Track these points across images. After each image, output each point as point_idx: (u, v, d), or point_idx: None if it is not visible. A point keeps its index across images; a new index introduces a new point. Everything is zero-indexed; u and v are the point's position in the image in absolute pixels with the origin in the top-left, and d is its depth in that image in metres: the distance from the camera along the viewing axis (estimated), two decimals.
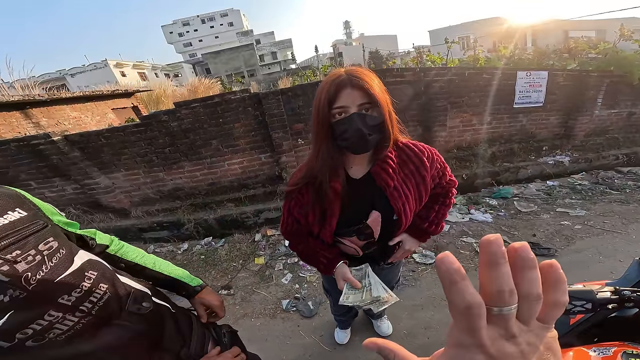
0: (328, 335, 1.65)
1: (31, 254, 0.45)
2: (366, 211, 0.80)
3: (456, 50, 5.62)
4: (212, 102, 2.85)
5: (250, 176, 3.19)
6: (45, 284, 0.45)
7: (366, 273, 0.83)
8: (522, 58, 5.07)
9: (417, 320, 1.69)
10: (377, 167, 0.77)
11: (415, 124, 3.34)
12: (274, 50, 41.96)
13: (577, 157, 3.56)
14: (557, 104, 3.68)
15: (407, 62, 5.68)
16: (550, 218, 2.60)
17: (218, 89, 9.65)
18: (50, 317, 0.45)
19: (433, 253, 2.24)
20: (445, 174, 0.87)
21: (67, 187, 3.03)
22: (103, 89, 7.39)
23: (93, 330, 0.51)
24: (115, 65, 26.60)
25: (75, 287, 0.49)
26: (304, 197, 0.81)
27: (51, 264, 0.47)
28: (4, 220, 0.45)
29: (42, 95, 5.10)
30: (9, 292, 0.41)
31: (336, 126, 0.69)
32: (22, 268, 0.43)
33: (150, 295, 0.65)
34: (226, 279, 2.28)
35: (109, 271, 0.59)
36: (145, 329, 0.59)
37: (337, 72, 0.69)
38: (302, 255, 0.93)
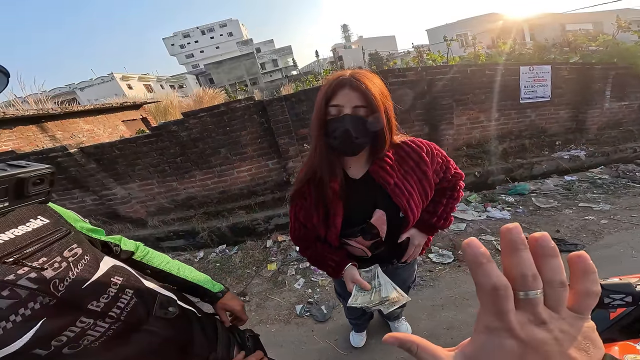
0: (343, 339, 1.63)
1: (57, 261, 0.45)
2: (369, 211, 0.80)
3: (455, 48, 5.63)
4: (219, 111, 2.91)
5: (259, 183, 3.22)
6: (73, 290, 0.45)
7: (375, 274, 0.82)
8: (522, 53, 5.05)
9: (439, 321, 1.65)
10: (375, 166, 0.77)
11: (422, 123, 3.33)
12: (274, 57, 42.56)
13: (594, 151, 3.48)
14: (565, 97, 3.63)
15: (408, 62, 5.70)
16: (573, 213, 2.53)
17: (223, 98, 9.82)
18: (82, 323, 0.46)
19: (450, 252, 2.20)
20: (449, 167, 0.87)
21: (86, 199, 3.12)
22: (112, 102, 7.60)
23: (124, 336, 0.51)
24: (121, 78, 27.37)
25: (102, 293, 0.49)
26: (307, 200, 0.82)
27: (77, 270, 0.47)
28: (27, 228, 0.45)
29: (56, 109, 5.27)
30: (39, 299, 0.42)
31: (329, 124, 0.70)
32: (49, 275, 0.43)
33: (175, 300, 0.65)
34: (241, 285, 2.29)
35: (134, 276, 0.59)
36: (174, 334, 0.59)
37: (342, 72, 0.70)
38: (311, 260, 0.93)
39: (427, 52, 6.20)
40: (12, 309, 0.39)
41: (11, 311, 0.39)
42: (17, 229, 0.44)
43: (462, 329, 1.59)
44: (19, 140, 4.57)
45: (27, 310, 0.40)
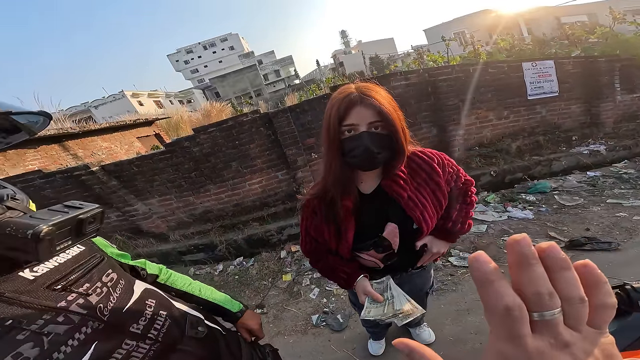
0: (361, 347, 1.61)
1: (98, 286, 0.47)
2: (381, 224, 0.80)
3: (454, 46, 5.61)
4: (227, 125, 2.98)
5: (270, 194, 3.27)
6: (116, 314, 0.48)
7: (388, 286, 0.81)
8: (523, 49, 4.99)
9: (464, 326, 1.60)
10: (387, 180, 0.77)
11: (429, 125, 3.31)
12: (276, 68, 43.38)
13: (614, 145, 3.36)
14: (574, 92, 3.56)
15: (409, 65, 5.71)
16: (602, 210, 2.41)
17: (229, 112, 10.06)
18: (127, 345, 0.47)
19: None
20: (460, 176, 0.87)
21: (110, 215, 3.23)
22: (126, 119, 7.92)
23: (163, 356, 0.53)
24: (131, 95, 28.42)
25: (140, 316, 0.51)
26: (317, 215, 0.82)
27: (116, 295, 0.49)
28: (68, 256, 0.47)
29: (74, 128, 5.55)
30: (90, 323, 0.43)
31: (345, 143, 0.70)
32: (94, 300, 0.45)
33: (203, 319, 0.67)
34: (259, 297, 2.31)
35: (164, 298, 0.61)
36: (205, 354, 0.60)
37: (348, 89, 0.69)
38: (322, 272, 0.93)
39: (427, 52, 6.22)
40: (68, 334, 0.41)
41: (68, 336, 0.41)
42: (58, 257, 0.46)
43: None
44: (44, 159, 4.82)
45: (82, 335, 0.42)
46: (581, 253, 1.94)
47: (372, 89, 0.69)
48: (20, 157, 4.45)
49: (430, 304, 1.70)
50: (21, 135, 0.48)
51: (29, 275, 0.42)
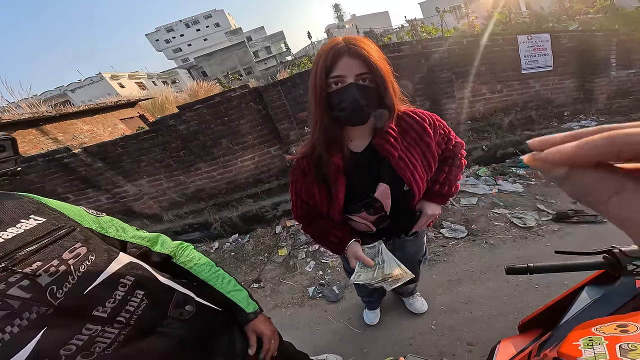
0: (357, 317, 1.66)
1: (54, 265, 0.41)
2: (373, 184, 0.77)
3: (450, 20, 5.41)
4: (214, 101, 2.85)
5: (263, 171, 3.21)
6: (74, 296, 0.42)
7: (379, 250, 0.80)
8: (519, 22, 4.87)
9: (456, 296, 1.64)
10: (378, 138, 0.74)
11: (422, 97, 3.26)
12: (267, 44, 41.18)
13: (605, 121, 3.41)
14: (569, 66, 3.52)
15: (403, 37, 5.51)
16: None
17: (218, 90, 9.62)
18: (88, 330, 0.42)
19: (463, 227, 2.20)
20: (451, 138, 0.85)
21: (101, 197, 3.13)
22: (107, 101, 7.49)
23: (138, 340, 0.48)
24: (110, 77, 26.84)
25: (108, 297, 0.46)
26: (307, 176, 0.79)
27: (79, 274, 0.43)
28: (18, 230, 0.40)
29: (51, 111, 5.24)
30: (34, 309, 0.38)
31: (333, 96, 0.66)
32: (45, 281, 0.39)
33: (193, 297, 0.61)
34: (255, 272, 2.34)
35: (148, 274, 0.55)
36: (190, 334, 0.56)
37: (335, 40, 0.65)
38: (314, 236, 0.91)
39: (421, 25, 6.00)
40: (5, 321, 0.36)
41: (5, 323, 0.36)
42: (5, 232, 0.39)
43: (481, 302, 1.56)
44: (22, 144, 4.57)
45: (24, 321, 0.37)
46: (568, 225, 1.99)
47: (360, 40, 0.64)
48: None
49: (423, 274, 1.73)
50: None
51: None
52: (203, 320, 0.61)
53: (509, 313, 1.45)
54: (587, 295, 0.66)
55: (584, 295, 0.67)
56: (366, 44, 0.64)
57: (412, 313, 1.57)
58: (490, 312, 1.49)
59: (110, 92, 22.08)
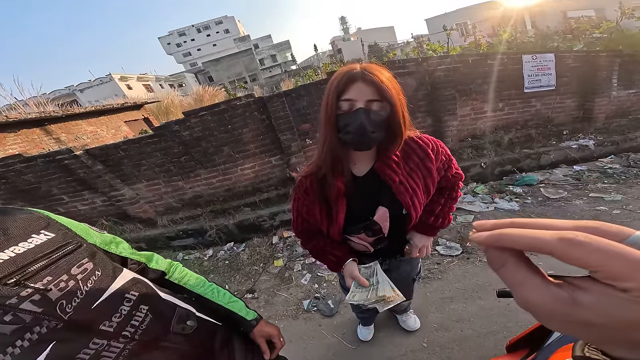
0: (351, 332, 1.64)
1: (63, 280, 0.42)
2: (373, 207, 0.79)
3: (456, 37, 5.54)
4: (219, 109, 2.89)
5: (262, 180, 3.23)
6: (83, 311, 0.43)
7: (375, 271, 0.82)
8: (524, 41, 4.98)
9: (448, 314, 1.65)
10: (380, 163, 0.76)
11: (424, 114, 3.30)
12: (273, 53, 42.09)
13: (603, 140, 3.43)
14: (571, 86, 3.58)
15: (408, 53, 5.63)
16: (584, 204, 2.50)
17: (223, 96, 9.78)
18: (95, 345, 0.43)
19: (458, 244, 2.20)
20: (451, 166, 0.86)
21: (96, 200, 3.14)
22: (113, 103, 7.62)
23: (142, 355, 0.49)
24: (119, 78, 27.29)
25: (114, 312, 0.47)
26: (309, 195, 0.81)
27: (86, 289, 0.44)
28: (30, 245, 0.42)
29: (57, 111, 5.31)
30: (45, 322, 0.39)
31: (341, 118, 0.68)
32: (55, 296, 0.41)
33: (194, 312, 0.62)
34: (250, 282, 2.32)
35: (151, 290, 0.56)
36: (192, 349, 0.57)
37: (352, 66, 0.68)
38: (312, 253, 0.93)
39: (426, 42, 6.13)
40: (17, 335, 0.37)
41: (17, 337, 0.37)
42: (17, 246, 0.41)
43: (472, 321, 1.58)
44: (25, 143, 4.61)
45: (34, 335, 0.38)
46: None
47: (377, 68, 0.67)
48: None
49: (417, 291, 1.75)
50: None
51: None
52: (204, 335, 0.62)
53: (498, 332, 1.47)
54: None
55: None
56: (381, 73, 0.66)
57: (405, 330, 1.57)
58: (480, 331, 1.51)
59: (117, 94, 22.45)
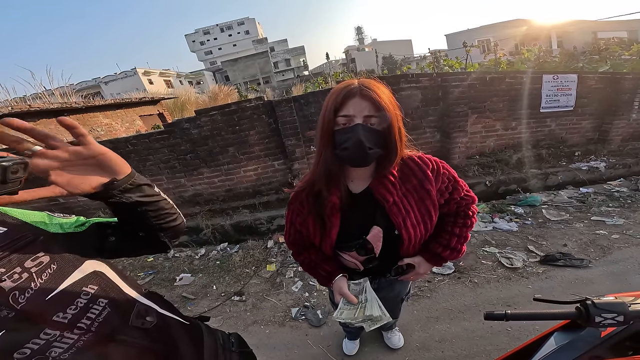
0: (336, 345, 1.63)
1: (17, 272, 0.43)
2: (367, 226, 0.78)
3: (476, 54, 5.47)
4: (229, 109, 2.96)
5: (264, 183, 3.26)
6: (35, 302, 0.43)
7: (364, 288, 0.81)
8: (547, 61, 4.86)
9: (431, 333, 1.63)
10: (375, 182, 0.75)
11: (433, 129, 3.25)
12: (287, 57, 42.85)
13: (614, 163, 3.31)
14: (590, 107, 3.49)
15: (423, 68, 5.60)
16: (584, 227, 2.44)
17: (236, 96, 10.00)
18: (46, 335, 0.43)
19: (451, 263, 2.15)
20: (458, 188, 0.82)
21: None
22: (132, 97, 7.92)
23: (97, 347, 0.48)
24: (143, 73, 28.39)
25: (69, 304, 0.47)
26: (304, 208, 0.81)
27: (41, 281, 0.44)
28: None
29: (79, 103, 5.56)
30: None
31: (338, 134, 0.67)
32: (8, 286, 0.41)
33: (156, 309, 0.62)
34: (239, 285, 2.32)
35: (112, 284, 0.56)
36: (152, 345, 0.56)
37: (350, 81, 0.68)
38: (303, 265, 0.93)
39: (444, 57, 6.07)
40: None
41: None
42: None
43: (454, 342, 1.56)
44: None
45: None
46: (553, 268, 2.00)
47: (375, 84, 0.67)
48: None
49: (405, 309, 1.72)
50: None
51: None
52: (165, 332, 0.61)
53: (477, 355, 1.47)
54: (554, 341, 0.71)
55: (551, 341, 0.71)
56: (379, 89, 0.66)
57: (389, 347, 1.56)
58: (460, 353, 1.50)
59: (138, 87, 23.35)
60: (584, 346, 0.63)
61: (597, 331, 0.64)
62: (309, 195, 0.79)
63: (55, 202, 3.24)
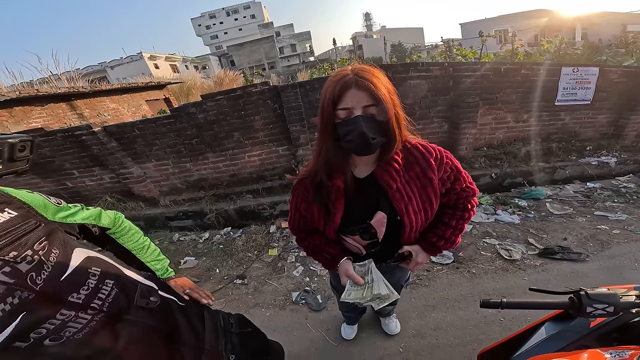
0: (335, 329, 1.67)
1: (29, 255, 0.44)
2: (370, 211, 0.80)
3: (492, 44, 5.22)
4: (235, 94, 2.92)
5: (267, 168, 3.27)
6: (52, 283, 0.45)
7: (369, 269, 0.83)
8: (568, 53, 4.62)
9: (427, 321, 1.67)
10: (380, 168, 0.76)
11: (441, 120, 3.18)
12: (293, 42, 41.75)
13: (626, 159, 3.23)
14: (608, 102, 3.34)
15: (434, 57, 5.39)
16: (586, 222, 2.43)
17: (241, 81, 9.87)
18: (62, 315, 0.45)
19: (451, 253, 2.16)
20: (460, 179, 0.83)
21: (104, 176, 3.28)
22: (138, 81, 7.88)
23: (107, 327, 0.51)
24: (149, 57, 28.07)
25: (82, 285, 0.49)
26: (309, 193, 0.82)
27: (51, 263, 0.46)
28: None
29: (85, 87, 5.55)
30: (17, 293, 0.41)
31: (339, 127, 0.68)
32: (24, 268, 0.42)
33: (157, 289, 0.65)
34: (241, 268, 2.38)
35: (112, 266, 0.58)
36: (157, 324, 0.59)
37: (344, 71, 0.66)
38: (307, 250, 0.95)
39: (457, 47, 5.81)
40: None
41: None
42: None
43: (447, 330, 1.60)
44: (49, 117, 4.82)
45: (7, 305, 0.39)
46: (550, 261, 2.01)
47: (369, 71, 0.66)
48: (25, 114, 4.44)
49: (403, 297, 1.75)
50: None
51: None
52: (167, 313, 0.64)
53: (469, 344, 1.50)
54: (545, 330, 0.73)
55: (541, 331, 0.74)
56: (374, 76, 0.65)
57: (386, 333, 1.59)
58: (453, 341, 1.54)
59: (144, 72, 23.14)
60: (573, 336, 0.66)
61: (587, 322, 0.66)
62: (312, 184, 0.80)
63: (64, 186, 3.33)
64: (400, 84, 2.87)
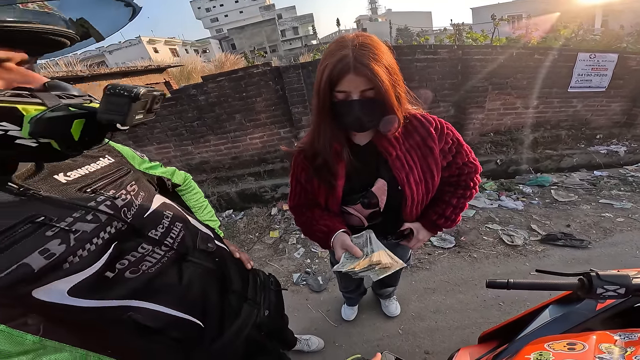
0: (335, 310, 1.69)
1: (123, 193, 0.52)
2: (371, 178, 0.79)
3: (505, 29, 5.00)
4: (237, 75, 2.87)
5: (269, 151, 3.24)
6: (138, 218, 0.52)
7: (368, 239, 0.76)
8: (586, 39, 4.42)
9: (427, 304, 1.68)
10: (379, 135, 0.75)
11: (448, 104, 3.11)
12: (295, 25, 40.54)
13: (636, 148, 3.15)
14: (624, 89, 3.23)
15: (443, 39, 5.18)
16: (590, 209, 2.40)
17: (243, 64, 9.66)
18: (142, 249, 0.51)
19: (452, 237, 2.16)
20: (462, 152, 0.81)
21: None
22: (137, 65, 7.72)
23: (175, 265, 0.57)
24: (148, 41, 27.47)
25: (158, 223, 0.56)
26: (309, 164, 0.81)
27: (138, 203, 0.54)
28: (97, 166, 0.53)
29: (84, 71, 5.47)
30: (114, 223, 0.47)
31: (337, 107, 0.68)
32: (120, 204, 0.50)
33: (213, 237, 0.71)
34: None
35: (180, 212, 0.66)
36: (214, 268, 0.65)
37: (343, 48, 0.61)
38: (303, 228, 0.90)
39: (468, 31, 5.57)
40: (94, 232, 0.43)
41: (94, 234, 0.43)
42: (89, 166, 0.51)
43: (447, 313, 1.61)
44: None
45: (106, 234, 0.45)
46: (552, 247, 2.01)
47: (369, 50, 0.61)
48: None
49: (404, 279, 1.77)
50: (89, 42, 0.49)
51: (63, 179, 0.46)
52: (221, 259, 0.70)
53: (468, 327, 1.51)
54: (549, 313, 0.73)
55: (545, 313, 0.73)
56: (374, 56, 0.61)
57: (386, 315, 1.61)
58: (452, 324, 1.55)
59: (144, 56, 22.68)
60: (579, 318, 0.65)
61: (594, 304, 0.65)
62: (312, 159, 0.78)
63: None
64: (406, 67, 2.79)
